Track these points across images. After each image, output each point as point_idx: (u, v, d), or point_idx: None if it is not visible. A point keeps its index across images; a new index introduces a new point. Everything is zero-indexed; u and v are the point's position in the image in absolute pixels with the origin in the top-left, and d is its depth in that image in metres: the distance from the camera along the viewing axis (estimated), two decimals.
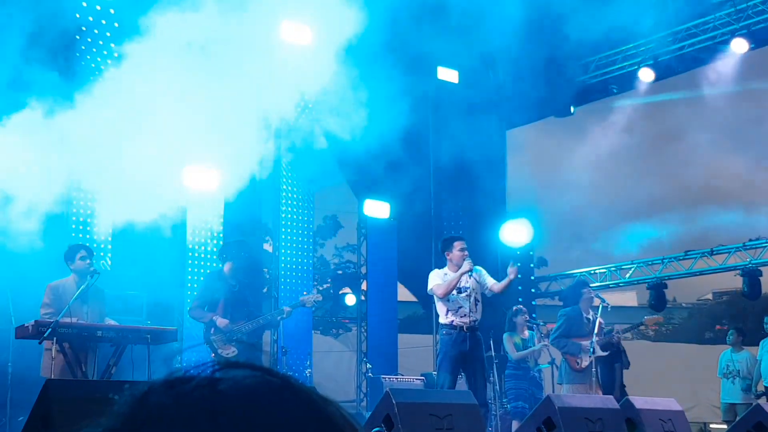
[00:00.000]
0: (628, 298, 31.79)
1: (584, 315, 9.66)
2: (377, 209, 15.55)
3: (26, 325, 7.63)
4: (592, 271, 18.68)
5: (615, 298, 10.30)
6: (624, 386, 14.64)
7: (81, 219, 12.10)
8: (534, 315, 12.61)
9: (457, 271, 8.72)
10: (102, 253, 12.03)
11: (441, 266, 9.14)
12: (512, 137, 19.92)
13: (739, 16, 15.70)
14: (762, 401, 12.02)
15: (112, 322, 8.26)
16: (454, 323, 8.68)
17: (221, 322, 8.51)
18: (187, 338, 12.38)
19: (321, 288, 21.45)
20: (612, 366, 13.79)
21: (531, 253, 18.32)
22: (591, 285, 13.72)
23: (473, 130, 16.97)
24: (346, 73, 13.97)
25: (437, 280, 8.79)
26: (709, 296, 45.56)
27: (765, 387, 12.84)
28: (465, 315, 8.66)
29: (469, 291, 8.74)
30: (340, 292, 16.90)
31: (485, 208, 17.09)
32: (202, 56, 12.64)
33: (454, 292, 8.70)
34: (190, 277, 13.07)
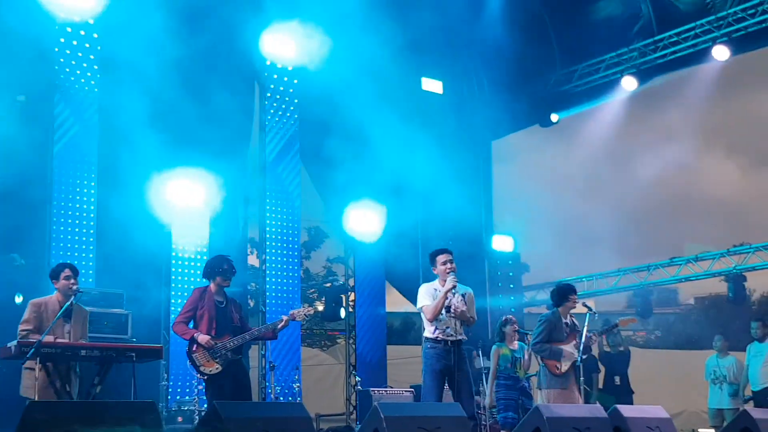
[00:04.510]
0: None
1: (563, 319, 9.60)
2: (364, 221, 15.50)
3: (8, 345, 7.56)
4: (579, 279, 18.72)
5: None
6: (632, 392, 14.68)
7: (62, 236, 12.05)
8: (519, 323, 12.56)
9: (444, 285, 8.63)
10: (90, 271, 12.00)
11: (429, 279, 9.05)
12: (497, 147, 19.97)
13: (720, 24, 15.79)
14: (749, 406, 12.05)
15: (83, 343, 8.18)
16: (438, 337, 8.62)
17: (202, 338, 8.46)
18: (173, 355, 12.34)
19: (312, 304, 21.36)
20: (589, 375, 13.80)
21: (509, 262, 18.37)
22: (578, 293, 13.71)
23: (458, 140, 17.02)
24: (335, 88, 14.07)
25: (427, 299, 8.69)
26: (692, 301, 45.69)
27: (752, 392, 12.87)
28: (451, 335, 8.60)
29: (457, 312, 8.64)
30: (333, 304, 16.82)
31: (471, 219, 17.12)
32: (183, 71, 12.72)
33: (443, 311, 8.62)
34: (174, 293, 13.03)
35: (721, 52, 15.99)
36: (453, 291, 8.59)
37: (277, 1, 14.47)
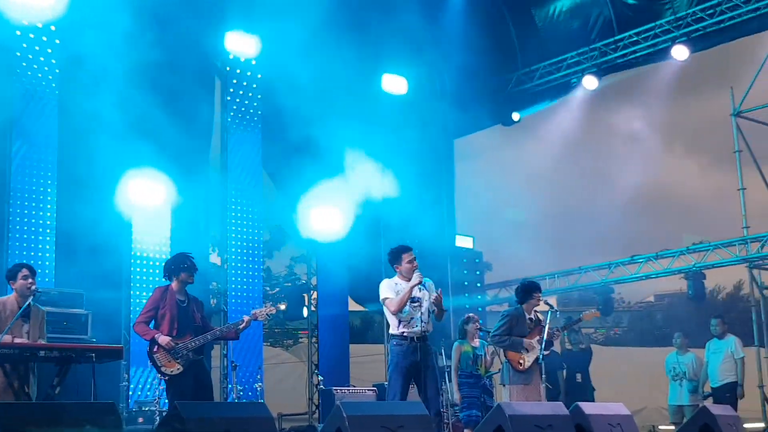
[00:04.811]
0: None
1: (527, 316, 9.66)
2: (326, 221, 15.45)
3: None
4: (541, 277, 18.79)
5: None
6: (594, 389, 14.73)
7: (20, 236, 11.90)
8: (481, 321, 12.59)
9: (408, 281, 8.67)
10: (48, 271, 11.88)
11: (391, 275, 9.07)
12: (460, 145, 20.02)
13: (679, 23, 15.94)
14: (708, 403, 12.18)
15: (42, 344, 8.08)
16: (404, 334, 8.64)
17: (163, 339, 8.40)
18: (133, 355, 12.24)
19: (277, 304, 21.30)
20: (554, 373, 13.85)
21: (474, 261, 18.42)
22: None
23: (420, 139, 17.02)
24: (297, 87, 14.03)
25: (389, 293, 8.72)
26: (651, 298, 46.10)
27: (712, 388, 13.00)
28: (416, 326, 8.62)
29: (420, 302, 8.69)
30: (296, 303, 16.76)
31: (434, 218, 17.11)
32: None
33: (407, 304, 8.64)
34: (136, 293, 12.92)
35: (680, 52, 16.17)
36: (419, 287, 8.66)
37: (239, 1, 14.43)
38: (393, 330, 8.76)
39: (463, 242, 18.43)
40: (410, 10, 16.00)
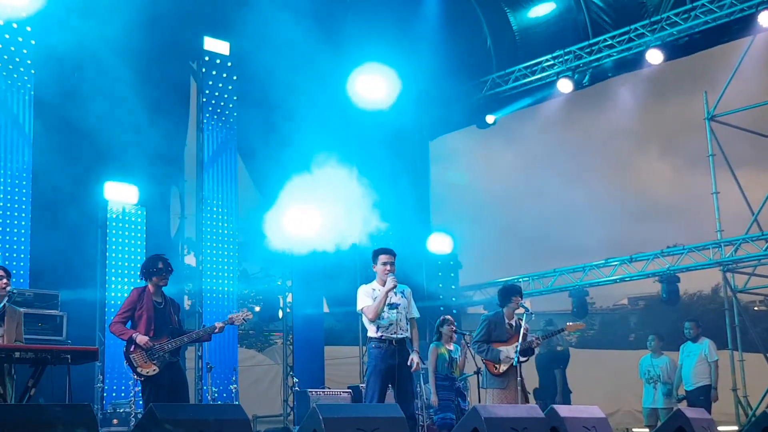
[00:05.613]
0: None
1: (507, 320, 9.67)
2: (302, 222, 15.43)
3: None
4: (516, 279, 18.84)
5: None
6: (570, 392, 14.77)
7: None
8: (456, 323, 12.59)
9: (384, 286, 8.67)
10: (23, 272, 11.80)
11: (367, 280, 9.06)
12: (435, 146, 20.07)
13: (654, 27, 16.04)
14: (683, 406, 12.26)
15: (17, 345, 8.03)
16: (383, 337, 8.64)
17: (141, 339, 8.37)
18: (108, 357, 12.19)
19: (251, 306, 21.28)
20: (552, 372, 13.89)
21: (451, 263, 18.44)
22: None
23: (395, 140, 17.04)
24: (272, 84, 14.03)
25: (367, 300, 8.72)
26: (625, 301, 46.35)
27: (686, 391, 13.07)
28: (395, 332, 8.62)
29: (399, 308, 8.68)
30: (271, 305, 16.71)
31: (409, 219, 17.13)
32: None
33: (385, 309, 8.65)
34: (111, 294, 12.86)
35: (654, 56, 16.26)
36: (395, 291, 8.65)
37: (217, 5, 14.44)
38: (371, 333, 8.75)
39: (440, 244, 18.41)
40: (385, 12, 16.02)
